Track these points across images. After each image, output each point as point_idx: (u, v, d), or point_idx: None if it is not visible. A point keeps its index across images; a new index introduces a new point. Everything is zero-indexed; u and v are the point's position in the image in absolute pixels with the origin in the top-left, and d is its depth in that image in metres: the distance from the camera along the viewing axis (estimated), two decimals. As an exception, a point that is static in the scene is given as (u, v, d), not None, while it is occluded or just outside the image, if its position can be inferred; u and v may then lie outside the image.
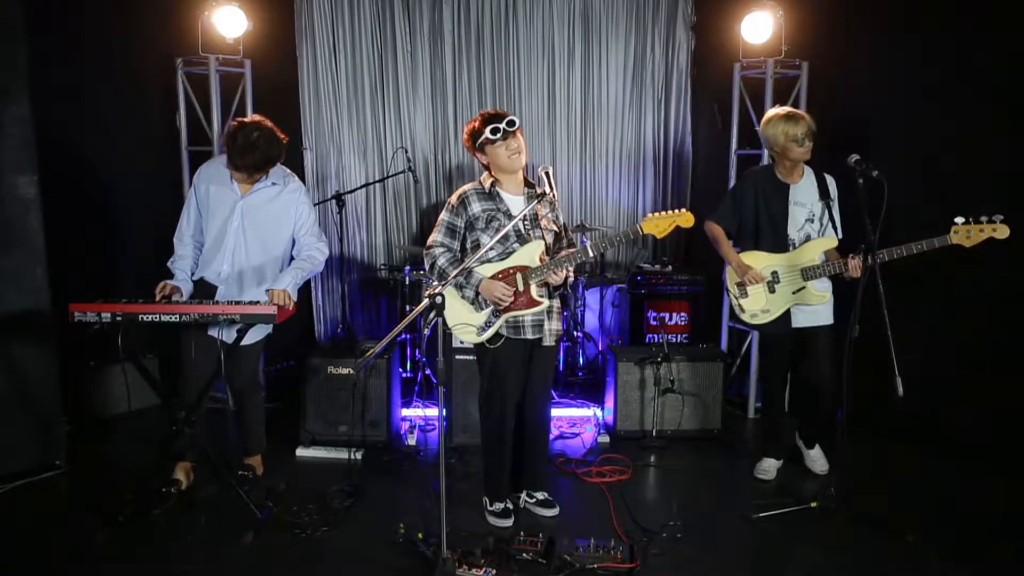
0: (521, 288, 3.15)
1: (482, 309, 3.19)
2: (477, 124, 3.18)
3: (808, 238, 3.55)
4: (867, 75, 4.46)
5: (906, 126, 4.22)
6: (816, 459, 3.81)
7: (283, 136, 3.34)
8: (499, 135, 3.12)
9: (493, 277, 3.15)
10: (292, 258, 3.53)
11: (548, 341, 3.28)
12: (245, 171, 3.29)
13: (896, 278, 3.26)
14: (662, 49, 5.59)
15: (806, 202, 3.56)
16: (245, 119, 3.32)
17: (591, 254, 3.17)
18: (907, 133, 4.21)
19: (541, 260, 3.15)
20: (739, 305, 3.62)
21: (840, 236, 3.55)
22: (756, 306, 3.58)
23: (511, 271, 3.16)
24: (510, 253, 3.18)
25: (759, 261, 3.58)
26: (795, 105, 4.53)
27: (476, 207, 3.18)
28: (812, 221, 3.56)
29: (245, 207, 3.38)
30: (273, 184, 3.42)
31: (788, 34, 4.53)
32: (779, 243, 3.56)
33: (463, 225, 3.22)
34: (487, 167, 3.27)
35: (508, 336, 3.20)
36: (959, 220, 3.16)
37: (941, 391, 4.04)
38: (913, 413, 3.88)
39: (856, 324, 3.07)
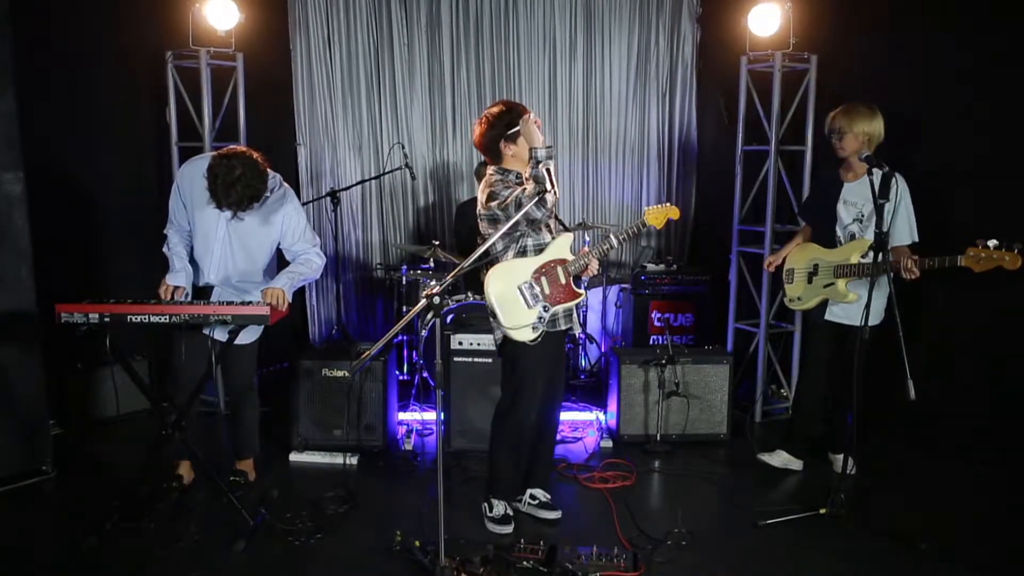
0: (564, 281, 3.15)
1: (535, 303, 3.11)
2: (522, 110, 3.12)
3: (853, 238, 3.57)
4: (877, 69, 4.40)
5: (917, 121, 4.15)
6: (838, 461, 3.75)
7: (266, 166, 3.15)
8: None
9: (536, 271, 3.11)
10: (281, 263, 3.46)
11: (576, 329, 3.35)
12: (229, 209, 3.11)
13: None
14: (667, 42, 5.53)
15: (856, 201, 3.57)
16: (226, 151, 3.11)
17: (615, 243, 3.22)
18: (918, 128, 4.14)
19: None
20: (783, 289, 3.88)
21: (895, 240, 3.41)
22: (794, 293, 3.78)
23: (552, 264, 3.15)
24: (544, 246, 3.17)
25: (807, 253, 3.73)
26: (803, 99, 4.50)
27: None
28: (860, 221, 3.56)
29: (231, 219, 3.26)
30: None
31: (796, 26, 4.44)
32: (828, 239, 3.65)
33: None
34: (495, 161, 3.17)
35: (546, 330, 3.15)
36: (978, 244, 3.02)
37: (952, 394, 3.97)
38: (925, 417, 3.85)
39: (867, 326, 3.11)
